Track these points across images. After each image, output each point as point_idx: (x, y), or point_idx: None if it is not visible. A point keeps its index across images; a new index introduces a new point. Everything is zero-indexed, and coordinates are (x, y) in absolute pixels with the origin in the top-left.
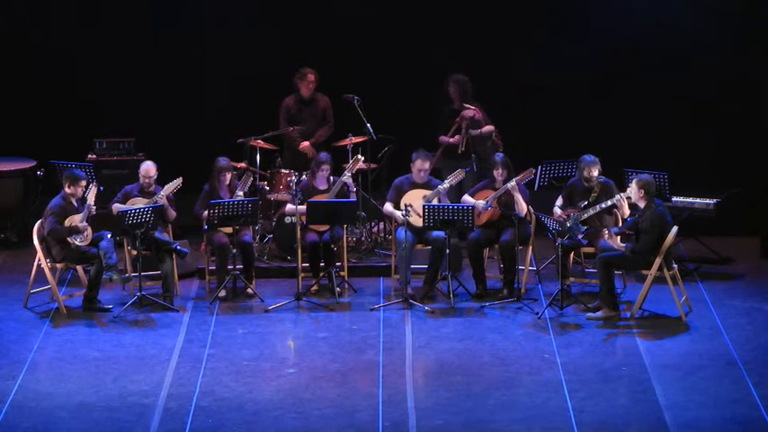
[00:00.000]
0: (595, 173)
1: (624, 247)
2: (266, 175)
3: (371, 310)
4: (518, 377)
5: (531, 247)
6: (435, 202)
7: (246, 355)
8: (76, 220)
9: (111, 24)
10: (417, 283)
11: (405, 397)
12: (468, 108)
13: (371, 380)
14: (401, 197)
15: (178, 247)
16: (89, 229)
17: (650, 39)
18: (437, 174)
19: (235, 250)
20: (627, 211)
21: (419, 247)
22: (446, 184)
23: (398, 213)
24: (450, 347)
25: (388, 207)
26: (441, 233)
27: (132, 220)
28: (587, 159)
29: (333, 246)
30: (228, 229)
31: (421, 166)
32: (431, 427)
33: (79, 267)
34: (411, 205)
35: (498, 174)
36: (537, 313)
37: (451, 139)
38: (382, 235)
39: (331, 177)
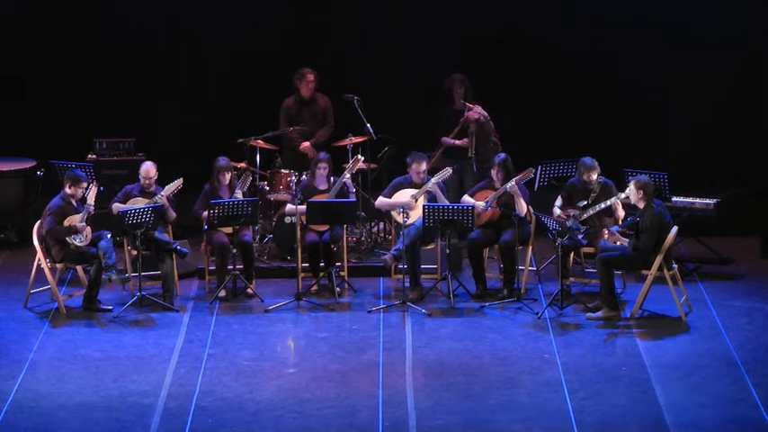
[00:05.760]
0: (594, 176)
1: (627, 243)
2: (266, 175)
3: (369, 312)
4: (518, 377)
5: (531, 247)
6: (422, 199)
7: (246, 355)
8: (76, 220)
9: (111, 24)
10: (425, 284)
11: (405, 397)
12: (473, 109)
13: (371, 380)
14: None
15: (178, 247)
16: (88, 229)
17: (649, 39)
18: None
19: (235, 250)
20: (621, 214)
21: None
22: (433, 181)
23: (392, 202)
24: (450, 347)
25: (381, 199)
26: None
27: (132, 220)
28: (586, 163)
29: (333, 246)
30: (228, 229)
31: (417, 168)
32: (431, 427)
33: (79, 267)
34: (407, 211)
35: (495, 174)
36: (537, 313)
37: (458, 142)
38: (382, 235)
39: (331, 177)
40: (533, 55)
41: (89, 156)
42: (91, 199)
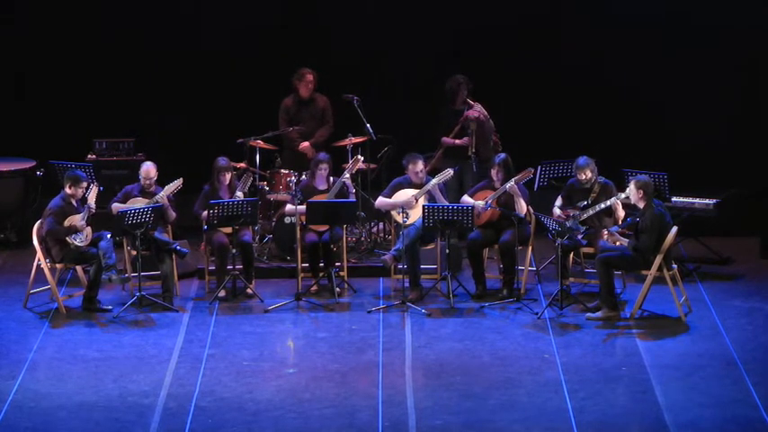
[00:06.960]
0: (587, 175)
1: (627, 243)
2: (266, 175)
3: (369, 312)
4: (518, 377)
5: (530, 248)
6: (422, 199)
7: (246, 355)
8: (76, 220)
9: (111, 24)
10: (425, 284)
11: (405, 397)
12: (473, 108)
13: (371, 380)
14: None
15: (178, 247)
16: (89, 229)
17: (650, 39)
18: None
19: (234, 250)
20: (621, 214)
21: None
22: (434, 182)
23: (392, 202)
24: (450, 347)
25: (381, 199)
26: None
27: (132, 220)
28: (579, 162)
29: (332, 246)
30: (228, 229)
31: (414, 168)
32: (431, 427)
33: (79, 267)
34: (407, 211)
35: (495, 174)
36: (537, 313)
37: (458, 141)
38: (382, 235)
39: (331, 177)
40: (533, 54)
41: (89, 156)
42: (92, 199)
